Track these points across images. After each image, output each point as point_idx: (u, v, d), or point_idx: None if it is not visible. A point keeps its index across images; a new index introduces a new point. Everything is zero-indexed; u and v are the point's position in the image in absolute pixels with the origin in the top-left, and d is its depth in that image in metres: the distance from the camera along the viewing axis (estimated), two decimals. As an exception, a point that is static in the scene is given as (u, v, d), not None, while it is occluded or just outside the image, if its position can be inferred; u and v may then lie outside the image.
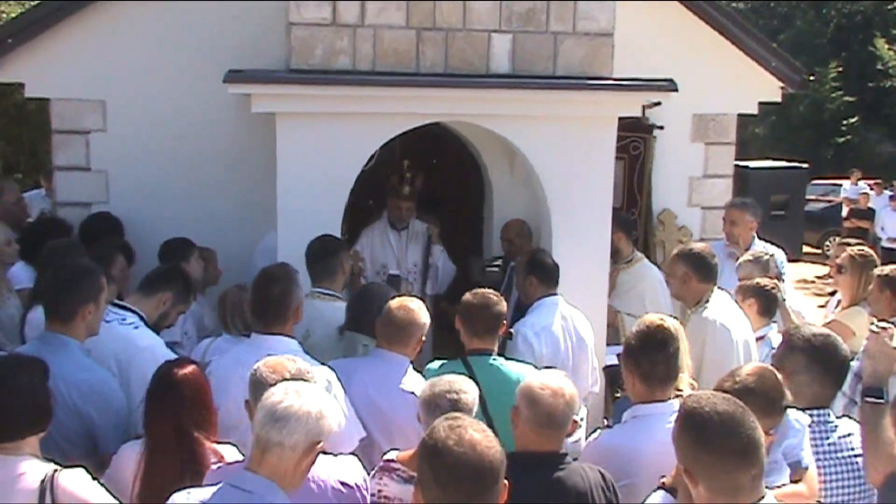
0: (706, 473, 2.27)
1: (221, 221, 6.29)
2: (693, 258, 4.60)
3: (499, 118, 5.48)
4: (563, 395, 2.94)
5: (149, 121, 6.29)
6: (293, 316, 3.72)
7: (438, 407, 3.03)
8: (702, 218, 7.33)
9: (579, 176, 5.57)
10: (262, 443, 2.48)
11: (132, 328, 3.94)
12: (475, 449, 2.20)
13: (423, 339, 3.96)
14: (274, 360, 2.94)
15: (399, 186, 6.34)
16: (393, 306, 3.88)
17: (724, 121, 7.27)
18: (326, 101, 5.19)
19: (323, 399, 2.56)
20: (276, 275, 3.77)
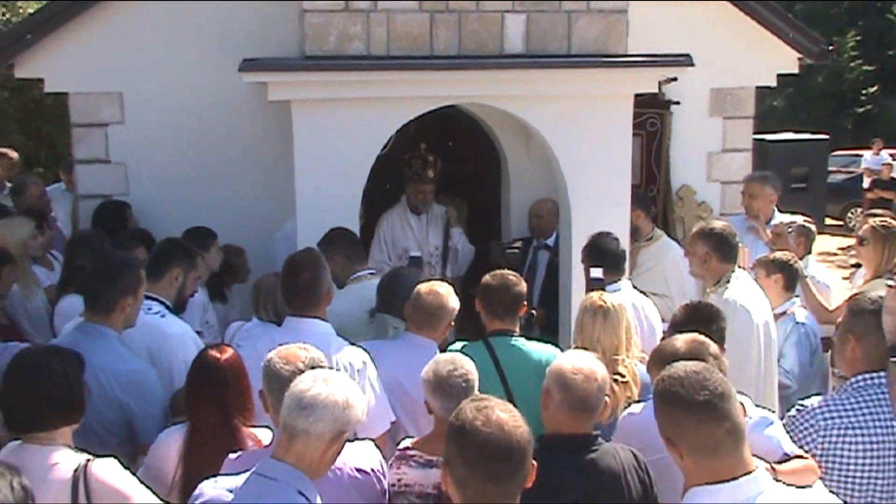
0: (681, 433, 2.31)
1: (241, 210, 6.33)
2: (714, 237, 4.55)
3: (514, 99, 5.47)
4: (596, 378, 2.94)
5: (166, 112, 6.32)
6: (325, 299, 3.75)
7: (451, 387, 3.05)
8: (721, 193, 7.28)
9: (596, 154, 5.55)
10: (288, 429, 2.50)
11: (159, 317, 3.98)
12: (503, 429, 2.21)
13: (452, 324, 3.98)
14: (286, 349, 2.95)
15: (423, 170, 6.33)
16: (423, 291, 3.90)
17: (742, 94, 7.21)
18: (341, 86, 5.19)
19: (351, 388, 2.57)
20: (304, 262, 3.79)
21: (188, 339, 3.97)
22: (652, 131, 7.01)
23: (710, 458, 2.28)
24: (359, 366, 3.56)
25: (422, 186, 6.36)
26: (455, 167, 6.82)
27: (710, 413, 2.28)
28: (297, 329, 3.59)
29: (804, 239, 5.69)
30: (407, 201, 6.45)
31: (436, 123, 6.33)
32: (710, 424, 2.27)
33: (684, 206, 7.22)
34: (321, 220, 5.20)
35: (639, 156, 6.86)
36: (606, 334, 3.82)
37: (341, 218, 5.26)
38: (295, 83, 5.16)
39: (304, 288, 3.69)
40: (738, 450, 2.29)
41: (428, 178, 6.35)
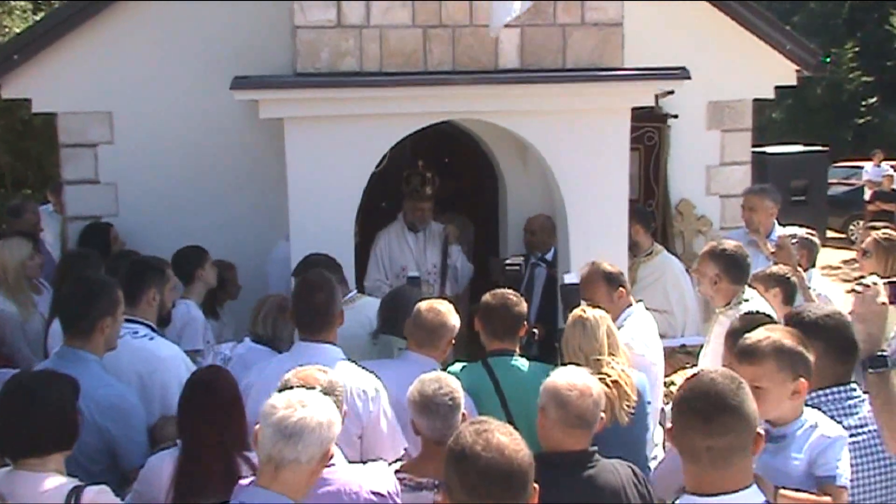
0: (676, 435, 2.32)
1: (233, 230, 6.33)
2: (725, 258, 4.51)
3: (509, 114, 5.49)
4: (591, 394, 2.95)
5: (156, 131, 6.33)
6: (337, 322, 3.75)
7: (438, 406, 3.06)
8: (721, 206, 7.30)
9: (593, 169, 5.57)
10: (274, 460, 2.47)
11: (147, 340, 3.97)
12: (503, 453, 2.20)
13: (453, 342, 3.99)
14: (305, 371, 2.96)
15: (422, 187, 6.34)
16: (423, 308, 3.91)
17: (740, 107, 7.25)
18: (334, 103, 5.21)
19: (327, 405, 2.58)
20: (318, 283, 3.77)
21: (180, 361, 3.96)
22: (650, 145, 7.03)
23: (688, 460, 2.29)
24: (372, 393, 3.54)
25: (420, 204, 6.35)
26: (451, 184, 6.84)
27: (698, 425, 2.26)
28: (309, 354, 3.56)
29: (807, 252, 5.70)
30: (404, 219, 6.44)
31: (431, 140, 6.34)
32: (693, 434, 2.26)
33: (684, 221, 7.24)
34: (315, 240, 5.20)
35: (637, 170, 6.87)
36: (586, 341, 3.85)
37: (335, 237, 5.27)
38: (287, 101, 5.17)
39: (319, 310, 3.68)
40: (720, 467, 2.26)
41: (426, 195, 6.36)
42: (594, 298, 4.38)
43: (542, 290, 6.25)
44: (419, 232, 6.43)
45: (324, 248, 5.20)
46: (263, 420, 2.51)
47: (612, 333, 3.91)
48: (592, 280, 4.51)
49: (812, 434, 2.94)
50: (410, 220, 6.41)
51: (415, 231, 6.42)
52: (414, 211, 6.38)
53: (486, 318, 3.99)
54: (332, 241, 5.25)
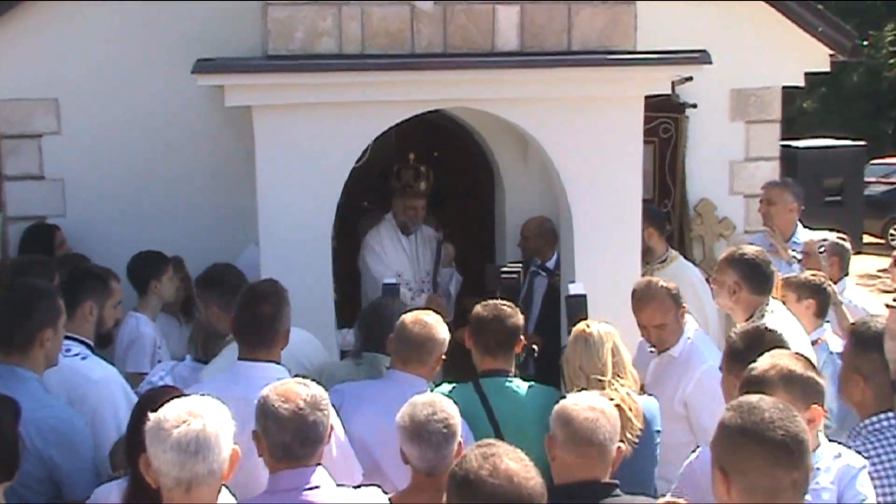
0: (744, 469, 2.33)
1: (195, 232, 6.31)
2: (745, 264, 4.50)
3: (508, 102, 5.48)
4: (603, 411, 2.94)
5: (109, 121, 6.30)
6: (282, 340, 3.74)
7: (430, 434, 3.05)
8: (745, 207, 7.30)
9: (603, 165, 5.56)
10: (185, 482, 2.53)
11: (79, 359, 3.93)
12: (512, 480, 2.21)
13: (443, 358, 3.97)
14: (284, 385, 2.98)
15: (415, 182, 6.33)
16: (408, 321, 3.90)
17: (767, 95, 7.25)
18: (310, 90, 5.19)
19: (213, 404, 2.64)
20: (266, 292, 3.76)
21: (115, 385, 3.92)
22: (665, 138, 7.03)
23: (764, 497, 2.31)
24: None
25: (413, 201, 6.36)
26: (442, 180, 6.83)
27: (782, 458, 2.30)
28: (249, 377, 3.56)
29: (839, 259, 5.69)
30: (395, 219, 6.43)
31: (419, 131, 6.33)
32: (777, 470, 2.30)
33: (703, 223, 7.24)
34: (288, 244, 5.18)
35: (651, 166, 6.88)
36: (588, 359, 3.84)
37: (311, 241, 5.26)
38: (256, 86, 5.15)
39: (263, 323, 3.67)
40: (797, 499, 2.32)
41: (420, 191, 6.36)
42: (657, 320, 4.35)
43: (543, 302, 6.24)
44: (411, 234, 6.41)
45: (298, 253, 5.21)
46: (157, 444, 2.55)
47: (618, 352, 3.90)
48: (656, 297, 4.41)
49: (837, 464, 2.97)
50: (402, 220, 6.41)
51: (406, 233, 6.41)
52: (406, 210, 6.37)
53: (478, 333, 3.98)
54: (307, 245, 5.25)
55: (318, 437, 2.91)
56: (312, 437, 2.89)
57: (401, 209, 6.39)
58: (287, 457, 2.88)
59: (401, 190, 6.36)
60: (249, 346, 3.69)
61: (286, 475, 2.89)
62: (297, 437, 2.87)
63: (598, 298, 4.97)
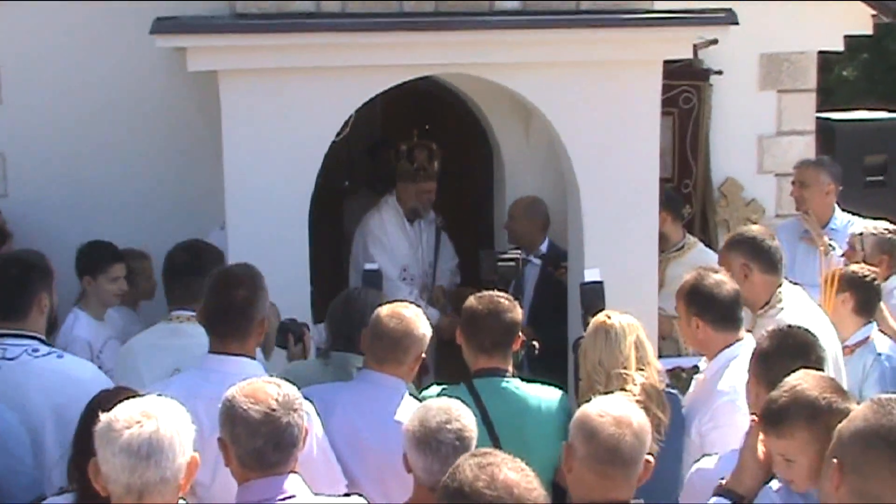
0: (865, 473, 2.36)
1: (153, 215, 6.29)
2: (748, 244, 4.57)
3: (508, 68, 5.47)
4: (630, 423, 2.92)
5: (55, 88, 6.26)
6: (257, 331, 3.74)
7: (441, 444, 3.05)
8: (776, 188, 7.31)
9: (615, 139, 5.56)
10: (136, 489, 2.54)
11: (55, 358, 3.94)
12: (513, 492, 2.22)
13: (423, 356, 3.97)
14: (251, 385, 2.98)
15: (428, 164, 6.36)
16: (383, 315, 3.89)
17: (802, 61, 7.25)
18: (284, 53, 5.17)
19: (170, 405, 2.66)
20: (240, 276, 3.76)
21: (104, 383, 3.90)
22: (686, 109, 7.03)
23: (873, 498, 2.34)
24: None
25: (426, 185, 6.42)
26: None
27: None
28: (219, 372, 3.56)
29: (888, 256, 5.61)
30: (401, 204, 6.48)
31: (407, 101, 6.32)
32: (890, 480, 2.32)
33: (729, 206, 7.24)
34: (259, 228, 5.17)
35: (670, 141, 6.88)
36: (609, 353, 3.87)
37: (285, 225, 5.26)
38: (223, 49, 5.13)
39: (237, 311, 3.67)
40: None
41: (434, 174, 6.41)
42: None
43: (535, 293, 6.26)
44: (414, 221, 6.49)
45: (270, 239, 5.20)
46: (106, 446, 2.56)
47: (641, 345, 3.94)
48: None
49: None
50: (413, 206, 6.47)
51: (413, 220, 6.48)
52: (419, 194, 6.43)
53: (471, 329, 3.98)
54: (281, 230, 5.25)
55: (293, 440, 2.91)
56: (287, 441, 2.89)
57: (412, 194, 6.44)
58: (259, 465, 2.89)
59: (412, 173, 6.39)
60: (220, 337, 3.69)
61: (257, 485, 2.89)
62: (271, 442, 2.87)
63: (611, 289, 4.98)
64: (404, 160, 6.40)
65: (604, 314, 4.03)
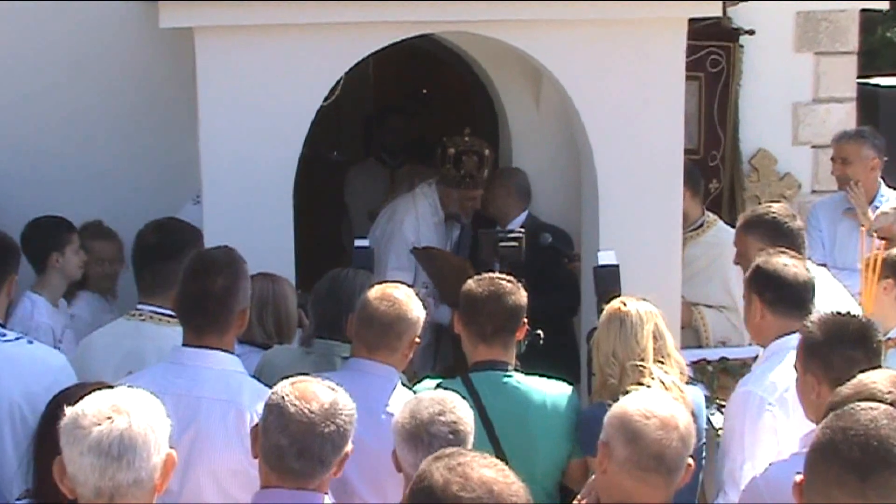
0: (810, 491, 2.35)
1: (120, 188, 6.28)
2: (767, 225, 4.60)
3: (516, 26, 5.45)
4: (677, 426, 2.94)
5: (12, 50, 6.24)
6: (237, 323, 3.76)
7: (433, 438, 3.07)
8: (813, 161, 7.32)
9: (635, 105, 5.56)
10: (107, 492, 2.53)
11: (26, 343, 3.97)
12: (492, 491, 2.22)
13: (418, 341, 3.98)
14: (305, 381, 3.01)
15: (478, 172, 6.41)
16: (372, 297, 3.90)
17: (842, 20, 7.23)
18: (266, 8, 5.15)
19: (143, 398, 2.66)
20: (219, 261, 3.77)
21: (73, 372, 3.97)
22: (714, 73, 7.02)
23: None
24: None
25: (473, 192, 6.50)
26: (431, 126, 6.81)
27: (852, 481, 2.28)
28: (193, 367, 3.59)
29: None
30: (443, 207, 6.55)
31: (403, 62, 6.30)
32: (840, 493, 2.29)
33: (760, 181, 7.24)
34: (237, 201, 5.18)
35: (695, 108, 6.88)
36: (624, 343, 3.89)
37: (267, 199, 5.25)
38: (199, 3, 5.11)
39: (215, 300, 3.68)
40: None
41: (482, 181, 6.47)
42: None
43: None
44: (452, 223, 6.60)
45: (251, 215, 5.20)
46: (72, 446, 2.55)
47: (660, 335, 3.96)
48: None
49: None
50: (454, 211, 6.54)
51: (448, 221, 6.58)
52: (463, 202, 6.51)
53: (470, 315, 4.00)
54: (263, 205, 5.24)
55: (324, 455, 2.91)
56: (314, 452, 2.89)
57: (454, 200, 6.50)
58: (279, 467, 2.91)
59: (458, 179, 6.44)
60: (195, 330, 3.70)
61: (274, 495, 2.91)
62: (295, 445, 2.88)
63: (629, 272, 4.98)
64: (450, 165, 6.43)
65: (618, 301, 4.04)
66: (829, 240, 6.36)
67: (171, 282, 3.99)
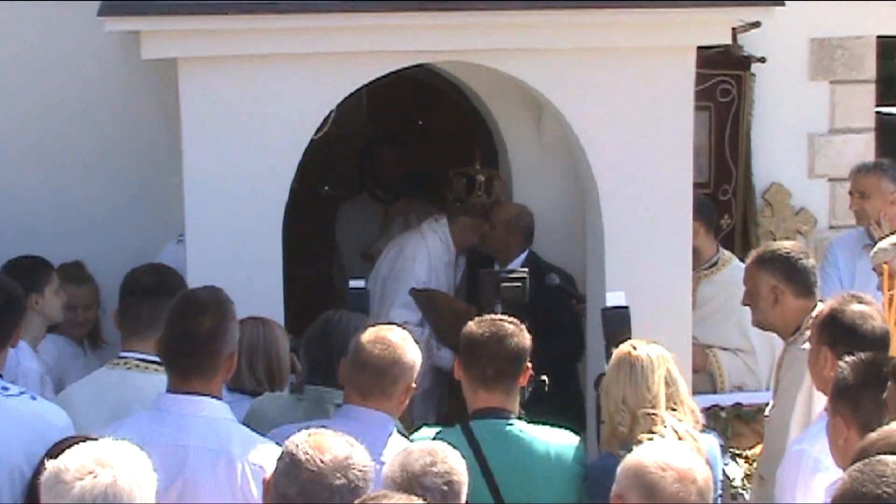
0: None
1: (100, 224, 6.28)
2: (781, 263, 4.61)
3: (516, 54, 5.48)
4: (695, 479, 2.92)
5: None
6: (224, 367, 3.75)
7: (426, 490, 3.03)
8: (830, 195, 7.32)
9: (642, 137, 5.57)
10: None
11: (29, 399, 3.95)
12: None
13: (414, 387, 3.97)
14: (322, 432, 2.98)
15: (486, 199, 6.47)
16: (365, 341, 3.88)
17: (858, 47, 7.26)
18: (253, 38, 5.18)
19: (131, 451, 2.66)
20: (206, 302, 3.77)
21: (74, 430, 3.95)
22: (724, 102, 7.04)
23: None
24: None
25: (483, 223, 6.54)
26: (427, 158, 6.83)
27: None
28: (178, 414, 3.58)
29: None
30: (455, 240, 6.58)
31: (398, 93, 6.32)
32: None
33: (775, 216, 7.24)
34: (224, 241, 5.17)
35: (705, 140, 6.89)
36: (634, 389, 3.87)
37: (255, 238, 5.25)
38: (183, 33, 5.15)
39: (202, 342, 3.68)
40: None
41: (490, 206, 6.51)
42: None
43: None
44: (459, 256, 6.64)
45: (236, 253, 5.19)
46: (54, 500, 2.55)
47: (672, 380, 3.95)
48: None
49: None
50: (466, 244, 6.58)
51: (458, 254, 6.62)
52: (473, 232, 6.53)
53: (470, 358, 3.99)
54: (250, 243, 5.24)
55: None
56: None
57: (466, 231, 6.57)
58: None
59: (468, 207, 6.51)
60: (181, 374, 3.69)
61: None
62: (302, 496, 2.84)
63: (637, 314, 4.98)
64: (482, 192, 6.45)
65: (628, 344, 4.03)
66: (847, 277, 6.35)
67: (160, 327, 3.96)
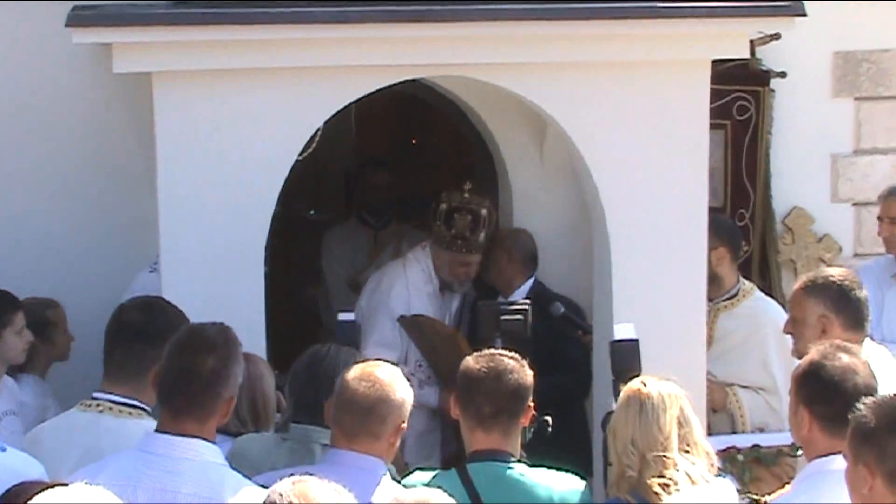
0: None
1: (67, 254, 6.28)
2: (832, 291, 4.59)
3: (517, 69, 5.50)
4: None
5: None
6: (222, 411, 3.76)
7: None
8: (855, 220, 7.33)
9: (652, 158, 5.58)
10: None
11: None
12: None
13: (405, 427, 3.96)
14: (308, 480, 2.94)
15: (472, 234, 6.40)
16: (350, 378, 3.88)
17: (885, 61, 7.29)
18: (232, 51, 5.20)
19: (101, 496, 2.67)
20: (212, 340, 3.77)
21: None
22: (742, 121, 7.05)
23: None
24: None
25: (469, 258, 6.47)
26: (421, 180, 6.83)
27: None
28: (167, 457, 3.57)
29: None
30: (436, 271, 6.54)
31: (389, 109, 6.33)
32: None
33: (795, 243, 7.24)
34: (199, 269, 5.17)
35: (721, 160, 6.90)
36: (645, 430, 3.86)
37: (235, 264, 5.26)
38: (157, 46, 5.15)
39: (203, 382, 3.69)
40: None
41: (477, 245, 6.44)
42: None
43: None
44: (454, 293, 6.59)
45: (215, 282, 5.19)
46: None
47: (686, 420, 3.96)
48: None
49: None
50: (448, 278, 6.52)
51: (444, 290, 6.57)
52: (453, 266, 6.48)
53: (466, 396, 4.00)
54: (230, 271, 5.25)
55: None
56: None
57: (444, 263, 6.49)
58: None
59: (448, 240, 6.43)
60: (174, 413, 3.69)
61: None
62: None
63: (647, 348, 4.98)
64: (441, 223, 6.43)
65: (638, 381, 4.03)
66: (875, 309, 6.33)
67: (145, 369, 3.99)
